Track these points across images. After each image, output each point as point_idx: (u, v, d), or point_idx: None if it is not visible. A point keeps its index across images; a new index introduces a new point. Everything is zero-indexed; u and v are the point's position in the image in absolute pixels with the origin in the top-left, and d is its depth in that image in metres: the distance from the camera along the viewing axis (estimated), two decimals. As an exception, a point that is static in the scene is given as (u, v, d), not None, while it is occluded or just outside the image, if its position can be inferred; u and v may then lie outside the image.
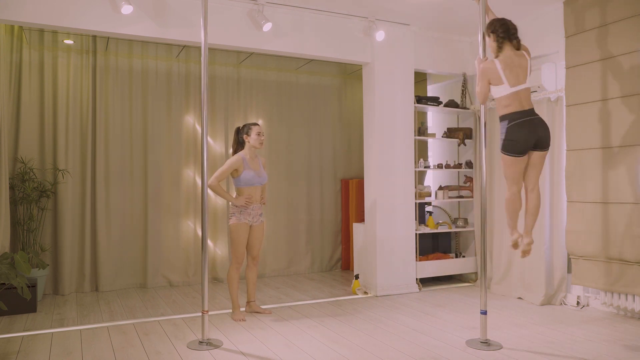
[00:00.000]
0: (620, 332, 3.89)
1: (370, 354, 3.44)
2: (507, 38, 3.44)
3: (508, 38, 3.44)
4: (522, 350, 3.50)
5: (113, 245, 5.55)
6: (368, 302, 4.93)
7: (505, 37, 3.44)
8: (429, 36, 5.66)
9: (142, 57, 5.73)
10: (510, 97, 3.40)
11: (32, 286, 4.58)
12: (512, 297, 5.12)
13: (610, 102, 4.29)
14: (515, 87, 3.39)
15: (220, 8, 4.64)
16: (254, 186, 4.36)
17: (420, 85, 6.54)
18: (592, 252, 4.38)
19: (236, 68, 6.18)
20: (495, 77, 3.42)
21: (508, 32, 3.44)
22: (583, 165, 4.47)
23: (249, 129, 4.37)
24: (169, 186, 5.81)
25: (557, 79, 4.91)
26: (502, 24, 3.47)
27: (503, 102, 3.43)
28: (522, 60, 3.44)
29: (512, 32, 3.45)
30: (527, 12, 5.03)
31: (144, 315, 4.50)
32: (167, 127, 5.82)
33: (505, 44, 3.45)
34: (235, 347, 3.60)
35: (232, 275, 4.34)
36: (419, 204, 5.75)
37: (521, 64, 3.43)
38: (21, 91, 5.23)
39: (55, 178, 5.25)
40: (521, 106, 3.39)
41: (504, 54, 3.45)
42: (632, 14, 4.12)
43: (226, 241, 6.03)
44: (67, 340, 3.75)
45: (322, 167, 6.70)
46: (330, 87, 6.78)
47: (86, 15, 4.20)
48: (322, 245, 6.67)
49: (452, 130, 6.01)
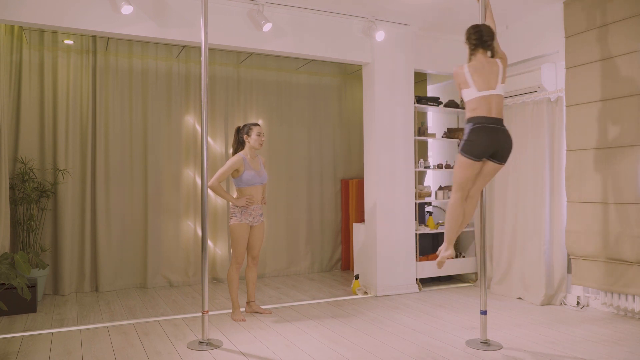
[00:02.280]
0: (620, 332, 3.88)
1: (370, 354, 3.44)
2: (479, 45, 3.47)
3: (481, 45, 3.47)
4: (522, 350, 3.50)
5: (113, 245, 5.55)
6: (368, 302, 4.93)
7: (478, 44, 3.48)
8: (429, 36, 5.66)
9: (142, 57, 5.73)
10: (477, 100, 3.41)
11: (32, 286, 4.58)
12: (512, 297, 5.12)
13: (610, 102, 4.28)
14: (483, 91, 3.40)
15: (220, 8, 4.64)
16: (255, 186, 4.36)
17: (420, 85, 6.55)
18: (592, 252, 4.38)
19: (236, 68, 6.18)
20: (462, 81, 3.47)
21: (481, 39, 3.46)
22: (583, 165, 4.47)
23: (249, 129, 4.37)
24: (169, 186, 5.81)
25: (557, 79, 4.90)
26: (476, 31, 3.49)
27: (471, 106, 3.45)
28: (494, 67, 3.44)
29: (485, 39, 3.47)
30: (527, 12, 5.03)
31: (144, 315, 4.50)
32: (167, 127, 5.82)
33: (477, 51, 3.48)
34: (235, 347, 3.60)
35: (232, 275, 4.34)
36: (419, 204, 5.75)
37: (492, 70, 3.43)
38: (21, 91, 5.23)
39: (55, 178, 5.25)
40: (489, 112, 3.39)
41: (476, 59, 3.48)
42: (632, 14, 4.12)
43: (226, 241, 6.03)
44: (67, 340, 3.75)
45: (322, 167, 6.70)
46: (330, 87, 6.78)
47: (86, 15, 4.20)
48: (322, 245, 6.67)
49: (452, 130, 6.01)
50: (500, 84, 3.43)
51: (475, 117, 3.39)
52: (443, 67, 5.79)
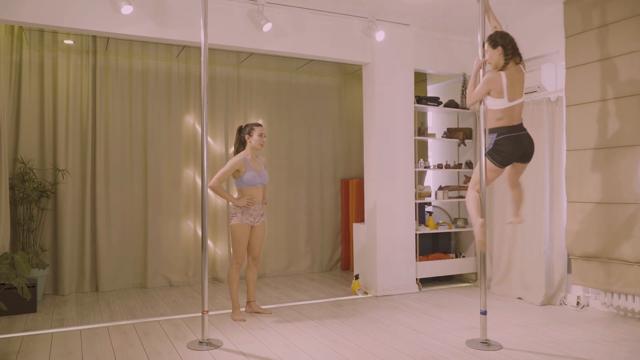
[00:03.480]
0: (620, 332, 3.89)
1: (370, 354, 3.44)
2: (515, 55, 3.50)
3: (514, 55, 3.50)
4: (522, 350, 3.50)
5: (113, 245, 5.55)
6: (368, 302, 4.93)
7: (515, 53, 3.50)
8: (429, 36, 5.66)
9: (142, 57, 5.73)
10: (504, 111, 3.49)
11: (32, 286, 4.58)
12: (512, 297, 5.12)
13: (610, 102, 4.28)
14: (512, 102, 3.48)
15: (220, 8, 4.64)
16: (256, 186, 4.36)
17: (420, 85, 6.55)
18: (592, 252, 4.38)
19: (236, 68, 6.18)
20: (498, 89, 3.48)
21: (516, 50, 3.50)
22: (583, 165, 4.46)
23: (251, 130, 4.36)
24: (169, 186, 5.81)
25: (557, 79, 4.90)
26: (511, 40, 3.52)
27: (496, 115, 3.51)
28: (521, 76, 3.53)
29: (517, 49, 3.52)
30: (527, 12, 5.03)
31: (144, 315, 4.50)
32: (167, 127, 5.82)
33: (511, 60, 3.51)
34: (235, 347, 3.60)
35: (233, 275, 4.34)
36: (419, 204, 5.75)
37: (520, 79, 3.52)
38: (21, 91, 5.23)
39: (55, 178, 5.25)
40: (511, 121, 3.50)
41: (508, 69, 3.50)
42: (632, 14, 4.12)
43: (226, 241, 6.03)
44: (67, 340, 3.75)
45: (322, 167, 6.70)
46: (330, 87, 6.78)
47: (86, 15, 4.20)
48: (322, 245, 6.67)
49: (452, 130, 6.01)
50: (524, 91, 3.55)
51: (500, 127, 3.50)
52: (443, 67, 5.79)
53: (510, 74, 3.49)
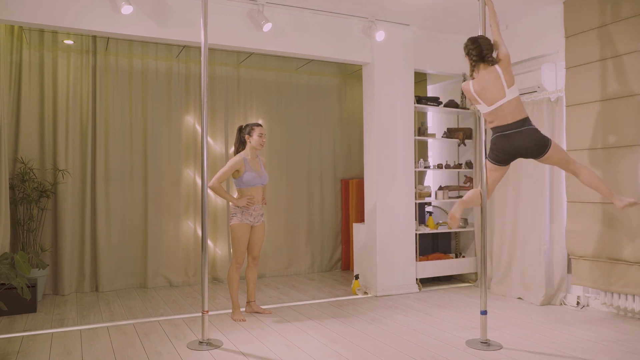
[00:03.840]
0: (620, 332, 3.88)
1: (370, 354, 3.44)
2: (479, 61, 3.50)
3: (481, 61, 3.49)
4: (522, 350, 3.50)
5: (113, 245, 5.55)
6: (368, 302, 4.93)
7: (479, 59, 3.49)
8: (429, 36, 5.66)
9: (142, 57, 5.73)
10: (490, 114, 3.52)
11: (32, 286, 4.58)
12: (512, 297, 5.12)
13: (610, 103, 4.28)
14: (492, 105, 3.48)
15: (220, 8, 4.64)
16: (256, 187, 4.36)
17: (420, 85, 6.54)
18: (592, 252, 4.38)
19: (236, 68, 6.18)
20: (472, 98, 3.56)
21: (480, 55, 3.48)
22: (583, 166, 4.46)
23: (251, 130, 4.36)
24: (169, 186, 5.81)
25: (557, 79, 4.90)
26: (476, 46, 3.49)
27: (487, 119, 3.58)
28: (496, 77, 3.44)
29: (484, 54, 3.47)
30: (527, 12, 5.03)
31: (144, 315, 4.50)
32: (167, 127, 5.82)
33: (479, 66, 3.51)
34: (235, 347, 3.60)
35: (232, 275, 4.34)
36: (419, 204, 5.75)
37: (493, 80, 3.44)
38: (21, 91, 5.23)
39: (55, 178, 5.25)
40: (504, 121, 3.48)
41: (478, 74, 3.52)
42: (632, 14, 4.12)
43: (226, 241, 6.03)
44: (67, 340, 3.75)
45: (322, 167, 6.70)
46: (330, 87, 6.78)
47: (86, 15, 4.20)
48: (322, 245, 6.67)
49: (452, 130, 6.01)
50: (508, 89, 3.44)
51: (494, 127, 3.55)
52: (443, 67, 5.79)
53: (480, 80, 3.48)
